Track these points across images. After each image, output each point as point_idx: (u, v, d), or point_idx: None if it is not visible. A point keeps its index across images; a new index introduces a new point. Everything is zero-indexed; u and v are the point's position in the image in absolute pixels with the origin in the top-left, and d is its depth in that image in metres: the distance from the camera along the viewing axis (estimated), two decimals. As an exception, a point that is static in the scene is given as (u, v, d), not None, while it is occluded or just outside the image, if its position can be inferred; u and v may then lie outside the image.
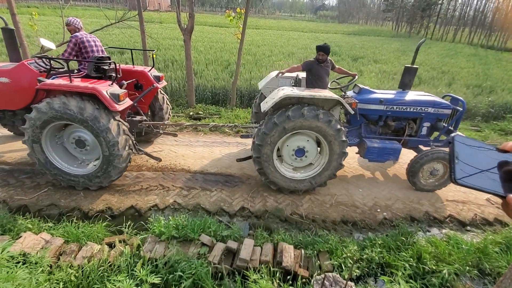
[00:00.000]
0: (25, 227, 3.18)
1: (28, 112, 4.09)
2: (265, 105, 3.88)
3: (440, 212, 4.12)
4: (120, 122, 3.79)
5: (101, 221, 3.44)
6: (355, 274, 2.93)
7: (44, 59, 4.25)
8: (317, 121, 3.72)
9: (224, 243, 3.06)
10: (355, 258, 2.66)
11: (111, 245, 3.02)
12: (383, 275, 3.01)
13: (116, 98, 3.65)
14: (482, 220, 4.04)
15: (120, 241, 3.04)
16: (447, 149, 4.62)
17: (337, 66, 4.72)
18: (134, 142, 4.18)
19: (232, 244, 3.03)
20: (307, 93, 3.76)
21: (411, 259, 3.05)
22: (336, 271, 2.91)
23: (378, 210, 4.09)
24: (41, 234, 3.01)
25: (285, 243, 3.11)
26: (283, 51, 15.20)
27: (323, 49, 4.34)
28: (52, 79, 3.84)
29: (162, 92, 5.31)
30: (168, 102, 5.47)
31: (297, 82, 4.99)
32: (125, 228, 3.22)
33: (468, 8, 43.57)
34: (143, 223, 3.47)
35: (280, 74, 4.64)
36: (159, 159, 4.61)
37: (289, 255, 2.94)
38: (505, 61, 19.10)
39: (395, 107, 4.46)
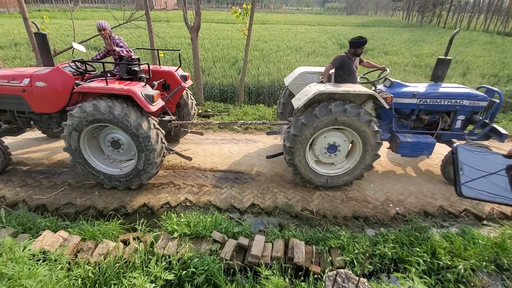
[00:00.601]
0: (44, 225, 3.30)
1: (64, 115, 4.26)
2: (298, 102, 3.85)
3: (455, 206, 4.03)
4: (155, 124, 3.87)
5: (115, 219, 3.53)
6: (368, 269, 2.91)
7: (77, 63, 4.32)
8: (345, 115, 3.68)
9: (236, 240, 3.09)
10: (367, 254, 2.64)
11: (125, 242, 3.10)
12: (396, 270, 2.97)
13: (150, 99, 3.72)
14: (499, 214, 3.92)
15: (134, 239, 3.12)
16: (484, 142, 4.50)
17: (365, 60, 4.63)
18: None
19: (244, 241, 3.05)
20: (341, 89, 3.72)
21: (425, 255, 3.00)
22: (348, 267, 2.89)
23: (391, 205, 4.03)
24: (59, 232, 3.12)
25: (296, 239, 3.12)
26: (290, 45, 15.04)
27: (364, 44, 4.23)
28: (87, 82, 3.95)
29: (187, 91, 5.36)
30: (194, 101, 5.52)
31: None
32: (139, 225, 3.29)
33: (484, -7, 41.81)
34: (155, 220, 3.54)
35: (320, 80, 4.36)
36: (189, 158, 4.64)
37: (301, 251, 2.94)
38: (523, 48, 18.31)
39: (428, 100, 4.34)
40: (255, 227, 3.61)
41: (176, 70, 4.93)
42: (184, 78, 4.95)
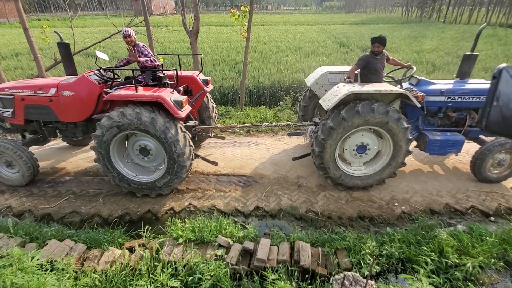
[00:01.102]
0: (50, 234, 3.32)
1: (89, 123, 4.29)
2: (327, 103, 3.83)
3: (461, 203, 3.99)
4: (182, 127, 3.88)
5: (120, 226, 3.53)
6: (375, 270, 2.89)
7: (102, 71, 4.33)
8: (373, 115, 3.67)
9: (241, 244, 3.09)
10: (374, 255, 2.61)
11: (131, 250, 3.10)
12: (404, 270, 2.95)
13: (180, 105, 3.73)
14: (507, 210, 3.88)
15: (139, 245, 3.12)
16: None
17: (391, 58, 4.59)
18: None
19: (249, 245, 3.05)
20: (373, 88, 3.71)
21: (433, 253, 2.97)
22: (355, 268, 2.88)
23: (396, 204, 4.00)
24: (65, 241, 3.14)
25: (302, 242, 3.10)
26: (290, 46, 15.04)
27: (379, 41, 4.21)
28: (114, 89, 3.97)
29: (208, 95, 5.36)
30: (214, 104, 5.54)
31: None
32: (144, 232, 3.30)
33: (484, -14, 41.40)
34: (160, 226, 3.55)
35: (348, 80, 4.32)
36: (215, 163, 4.64)
37: (307, 254, 2.93)
38: (525, 40, 18.13)
39: (456, 97, 4.29)
40: (260, 230, 3.60)
41: (198, 75, 4.94)
42: (206, 83, 4.97)
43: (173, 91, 3.89)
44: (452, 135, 4.24)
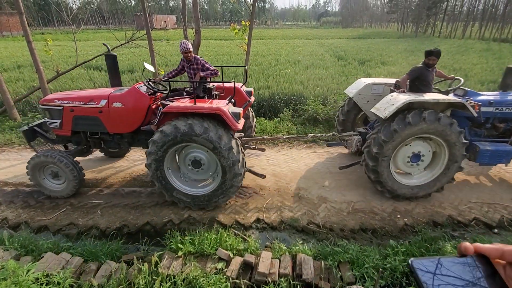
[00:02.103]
0: (46, 247, 3.24)
1: (135, 135, 4.26)
2: (384, 112, 3.85)
3: (464, 215, 3.94)
4: (233, 134, 3.83)
5: (118, 238, 3.46)
6: (379, 284, 2.81)
7: (151, 83, 4.34)
8: (438, 124, 3.71)
9: (242, 257, 3.02)
10: (380, 270, 2.56)
11: (129, 263, 3.02)
12: (409, 284, 2.88)
13: (237, 116, 3.67)
14: (510, 222, 3.83)
15: (138, 258, 3.04)
16: None
17: (437, 70, 4.65)
18: None
19: (250, 258, 2.98)
20: (430, 97, 3.77)
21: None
22: (358, 282, 2.80)
23: (398, 216, 3.95)
24: (61, 254, 3.06)
25: (304, 255, 3.04)
26: (288, 59, 15.29)
27: (436, 54, 4.29)
28: (166, 101, 3.96)
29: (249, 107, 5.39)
30: (253, 113, 5.54)
31: (397, 87, 4.91)
32: (142, 245, 3.22)
33: (477, 2, 42.66)
34: (159, 239, 3.47)
35: (401, 90, 4.38)
36: (263, 176, 4.55)
37: (309, 267, 2.86)
38: (519, 54, 18.52)
39: (504, 108, 4.35)
40: (261, 242, 3.53)
41: (242, 86, 4.97)
42: (249, 94, 4.99)
43: (228, 103, 3.84)
44: (501, 145, 4.27)
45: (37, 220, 3.91)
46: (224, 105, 3.65)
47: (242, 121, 3.84)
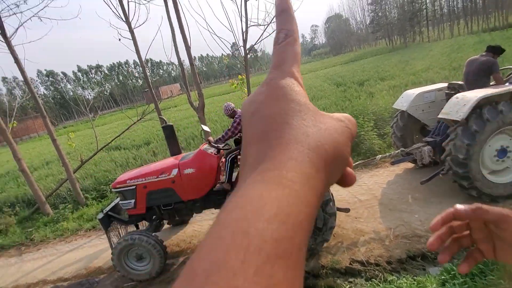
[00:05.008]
0: None
1: (206, 197, 4.21)
2: (457, 114, 3.79)
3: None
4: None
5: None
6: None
7: (213, 143, 4.36)
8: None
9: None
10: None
11: None
12: (482, 313, 2.53)
13: None
14: None
15: None
16: None
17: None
18: None
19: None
20: (502, 89, 3.72)
21: (502, 282, 2.57)
22: (423, 321, 2.50)
23: (445, 233, 3.64)
24: None
25: (354, 301, 2.78)
26: (290, 97, 15.79)
27: (495, 50, 4.43)
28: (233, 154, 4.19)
29: None
30: None
31: (452, 89, 4.92)
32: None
33: (455, 1, 44.15)
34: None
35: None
36: (347, 210, 4.22)
37: (364, 314, 2.60)
38: (515, 38, 18.44)
39: None
40: (306, 295, 3.29)
41: None
42: None
43: None
44: None
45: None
46: None
47: None
